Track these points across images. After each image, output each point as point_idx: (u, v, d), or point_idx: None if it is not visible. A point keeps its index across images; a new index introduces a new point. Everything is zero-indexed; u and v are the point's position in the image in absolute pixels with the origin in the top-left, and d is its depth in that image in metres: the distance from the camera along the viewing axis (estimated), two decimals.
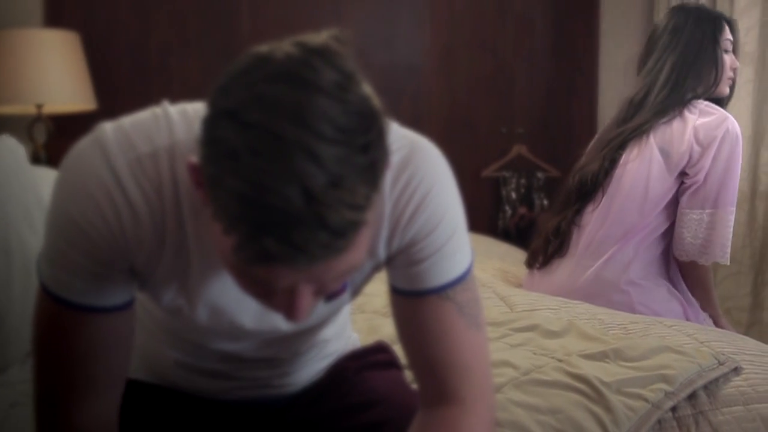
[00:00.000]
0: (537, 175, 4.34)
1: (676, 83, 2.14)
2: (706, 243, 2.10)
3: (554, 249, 2.22)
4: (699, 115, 2.09)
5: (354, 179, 0.77)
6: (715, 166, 2.08)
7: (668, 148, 2.10)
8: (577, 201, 2.20)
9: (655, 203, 2.14)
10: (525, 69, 4.35)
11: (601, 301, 2.11)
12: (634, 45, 4.45)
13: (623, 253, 2.15)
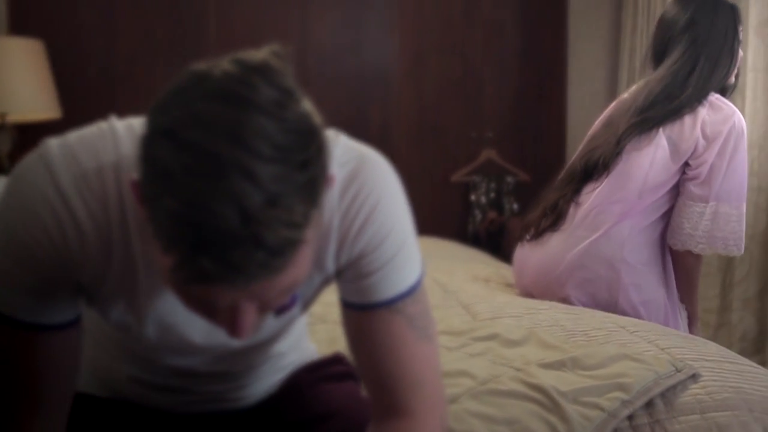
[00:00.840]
0: (506, 179, 4.35)
1: (706, 79, 2.12)
2: (707, 237, 2.10)
3: (549, 223, 2.23)
4: (709, 109, 2.09)
5: (292, 197, 0.77)
6: (719, 161, 2.08)
7: (677, 139, 2.10)
8: (579, 180, 2.21)
9: (655, 189, 2.14)
10: (494, 74, 4.36)
11: (587, 275, 2.14)
12: (602, 49, 4.50)
13: (618, 230, 2.15)
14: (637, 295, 2.17)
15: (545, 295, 2.25)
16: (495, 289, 2.32)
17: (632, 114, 2.14)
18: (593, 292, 2.18)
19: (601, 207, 2.16)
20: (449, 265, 2.56)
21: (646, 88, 2.17)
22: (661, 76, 2.14)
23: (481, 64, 4.34)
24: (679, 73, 2.12)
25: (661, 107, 2.12)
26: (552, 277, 2.22)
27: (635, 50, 4.33)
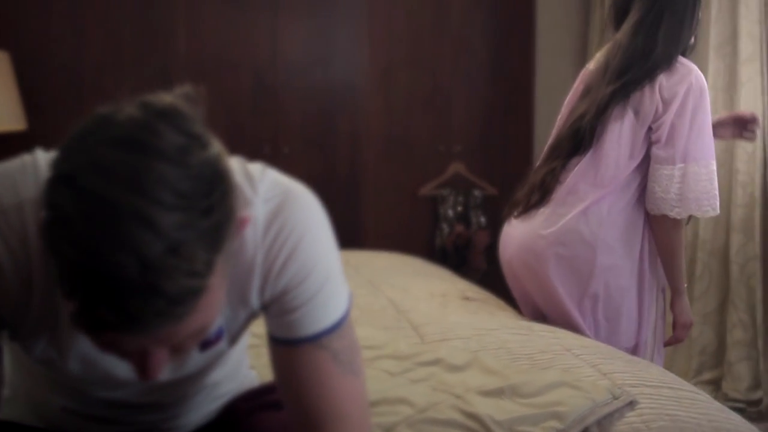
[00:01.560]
0: (474, 193, 4.36)
1: (675, 35, 2.12)
2: (678, 198, 2.09)
3: (536, 199, 2.23)
4: (665, 72, 2.09)
5: (194, 245, 0.77)
6: (679, 121, 2.08)
7: (638, 107, 2.12)
8: (567, 155, 2.20)
9: (628, 162, 2.15)
10: (462, 88, 4.38)
11: (565, 252, 2.16)
12: (569, 65, 4.52)
13: (597, 208, 2.17)
14: (611, 278, 2.18)
15: (526, 273, 2.28)
16: (450, 305, 2.33)
17: (610, 79, 2.13)
18: (570, 271, 2.19)
19: (580, 184, 2.18)
20: (407, 281, 2.57)
21: (617, 50, 2.15)
22: (630, 34, 2.14)
23: (449, 79, 4.36)
24: (649, 29, 2.11)
25: (638, 68, 2.11)
26: (532, 254, 2.23)
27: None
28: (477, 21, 4.39)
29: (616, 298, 2.21)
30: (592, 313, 2.22)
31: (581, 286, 2.18)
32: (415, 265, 2.97)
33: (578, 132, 2.16)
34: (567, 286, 2.20)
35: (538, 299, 2.31)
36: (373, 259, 3.05)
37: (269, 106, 4.10)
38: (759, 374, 3.56)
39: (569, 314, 2.21)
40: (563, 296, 2.20)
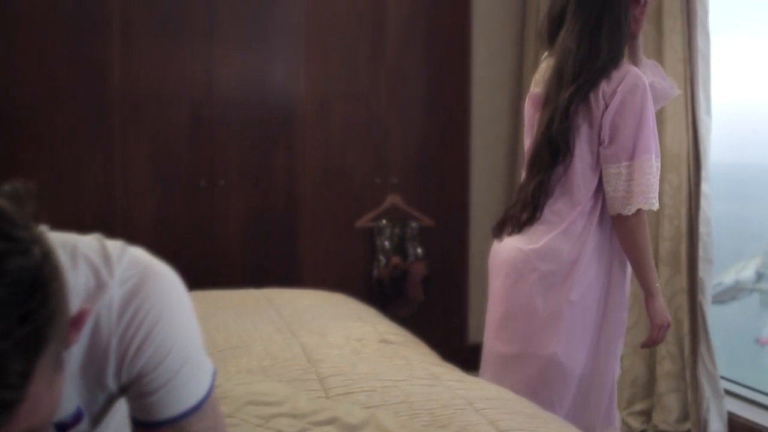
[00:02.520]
0: (411, 224, 4.39)
1: (616, 36, 2.19)
2: (626, 194, 2.15)
3: (528, 216, 2.26)
4: (605, 79, 2.16)
5: (7, 356, 0.76)
6: (622, 120, 2.13)
7: (588, 115, 2.18)
8: (548, 164, 2.22)
9: (592, 168, 2.21)
10: (398, 120, 4.41)
11: (546, 267, 2.21)
12: (506, 96, 4.59)
13: (575, 225, 2.22)
14: (587, 291, 2.24)
15: (512, 294, 2.30)
16: (365, 350, 2.33)
17: (566, 83, 2.18)
18: (550, 283, 2.24)
19: (559, 203, 2.23)
20: (326, 325, 2.57)
21: (567, 56, 2.20)
22: (577, 40, 2.19)
23: (385, 111, 4.38)
24: (592, 34, 2.17)
25: (589, 70, 2.16)
26: (513, 267, 2.28)
27: None
28: (412, 53, 4.43)
29: (591, 309, 2.26)
30: (569, 322, 2.24)
31: (560, 298, 2.22)
32: (339, 305, 2.97)
33: (551, 140, 2.20)
34: (545, 298, 2.24)
35: (516, 312, 2.31)
36: (299, 298, 3.05)
37: (205, 139, 4.09)
38: (687, 406, 3.60)
39: (545, 332, 2.24)
40: (540, 307, 2.24)
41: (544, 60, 2.38)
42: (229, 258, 4.16)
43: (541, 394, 2.21)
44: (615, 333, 2.34)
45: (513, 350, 2.31)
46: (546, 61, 2.35)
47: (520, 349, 2.29)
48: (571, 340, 2.23)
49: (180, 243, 4.05)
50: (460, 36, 4.51)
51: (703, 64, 3.58)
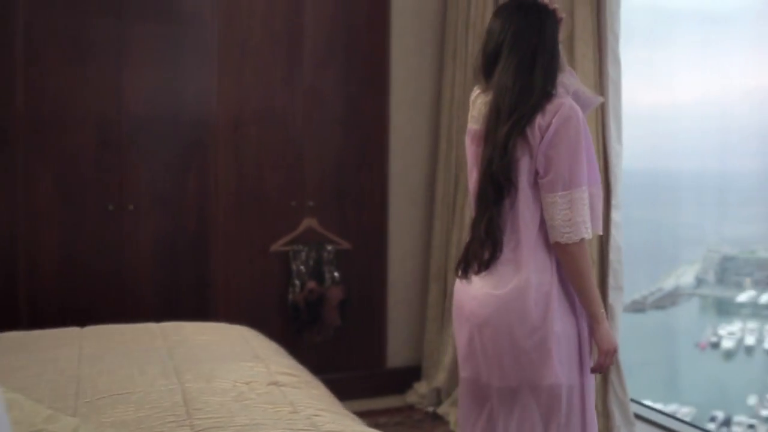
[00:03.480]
0: (327, 248, 4.32)
1: (550, 72, 2.24)
2: (565, 223, 2.17)
3: (489, 255, 2.25)
4: (540, 113, 2.18)
5: None
6: (556, 151, 2.16)
7: (526, 148, 2.19)
8: (495, 200, 2.23)
9: (533, 200, 2.22)
10: (315, 142, 4.34)
11: (526, 304, 2.20)
12: (424, 117, 4.55)
13: (538, 257, 2.23)
14: (564, 320, 2.24)
15: (494, 337, 2.27)
16: (251, 395, 2.25)
17: (504, 119, 2.20)
18: (530, 324, 2.22)
19: (510, 233, 2.24)
20: (215, 367, 2.49)
21: (504, 93, 2.22)
22: (513, 76, 2.21)
23: (301, 132, 4.31)
24: (528, 69, 2.21)
25: (525, 104, 2.18)
26: (495, 319, 2.26)
27: (453, 120, 4.39)
28: (329, 74, 4.37)
29: (572, 335, 2.27)
30: (558, 352, 2.23)
31: (544, 331, 2.21)
32: (237, 342, 2.89)
33: (493, 177, 2.22)
34: (530, 335, 2.22)
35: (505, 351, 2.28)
36: (198, 333, 2.96)
37: (113, 162, 3.98)
38: None
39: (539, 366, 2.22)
40: (527, 344, 2.22)
41: (478, 96, 2.39)
42: (138, 285, 4.05)
43: (550, 424, 2.25)
44: (589, 350, 2.34)
45: (511, 384, 2.28)
46: (480, 97, 2.37)
47: (518, 384, 2.27)
48: (563, 368, 2.24)
49: (87, 270, 3.93)
50: (378, 56, 4.46)
51: (614, 91, 3.58)
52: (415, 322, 4.64)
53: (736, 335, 11.04)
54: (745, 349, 11.08)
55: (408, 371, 4.59)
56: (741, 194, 8.23)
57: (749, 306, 11.22)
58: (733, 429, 10.64)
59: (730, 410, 10.65)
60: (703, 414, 11.14)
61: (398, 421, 4.19)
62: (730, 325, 11.06)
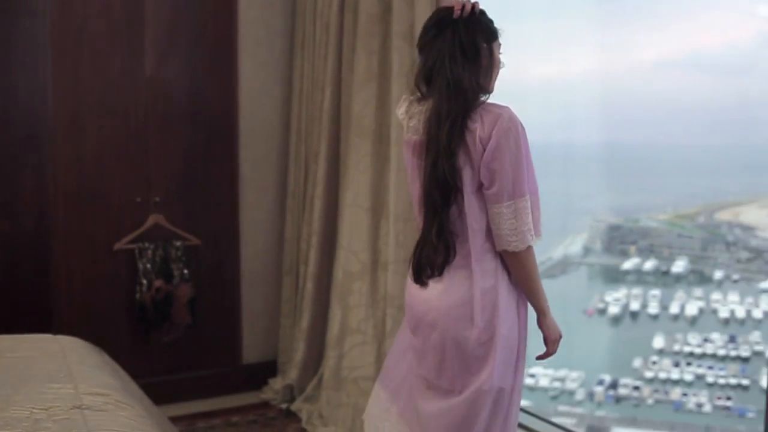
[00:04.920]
0: (175, 244, 4.20)
1: (486, 87, 2.29)
2: (512, 232, 2.23)
3: (443, 259, 2.28)
4: (480, 122, 2.21)
5: None
6: (500, 163, 2.20)
7: (468, 156, 2.22)
8: (442, 204, 2.25)
9: (478, 208, 2.26)
10: (160, 134, 4.19)
11: (475, 308, 2.26)
12: (275, 106, 4.45)
13: (486, 262, 2.29)
14: (510, 322, 2.30)
15: (448, 340, 2.30)
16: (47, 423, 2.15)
17: (442, 125, 2.22)
18: (480, 327, 2.27)
19: (461, 239, 2.27)
20: (17, 390, 2.37)
21: (440, 100, 2.24)
22: (449, 83, 2.23)
23: (145, 125, 4.16)
24: (464, 75, 2.23)
25: (460, 106, 2.22)
26: (448, 321, 2.30)
27: (303, 110, 4.30)
28: (173, 64, 4.22)
29: (514, 336, 2.33)
30: (502, 353, 2.29)
31: (491, 333, 2.27)
32: (51, 358, 2.76)
33: (439, 180, 2.24)
34: (480, 337, 2.27)
35: (456, 354, 2.33)
36: (14, 348, 2.82)
37: None
38: None
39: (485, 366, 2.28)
40: (476, 347, 2.28)
41: (411, 104, 2.39)
42: None
43: (488, 422, 2.32)
44: (524, 352, 2.42)
45: (454, 387, 2.34)
46: (415, 105, 2.38)
47: (461, 386, 2.32)
48: (502, 371, 2.31)
49: None
50: (225, 45, 4.32)
51: None
52: (270, 317, 4.56)
53: (621, 301, 11.37)
54: (630, 315, 11.43)
55: (264, 367, 4.52)
56: (625, 165, 8.43)
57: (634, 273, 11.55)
58: (620, 391, 10.97)
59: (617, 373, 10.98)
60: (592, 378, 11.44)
61: (251, 419, 4.12)
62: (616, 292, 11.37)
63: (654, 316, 11.54)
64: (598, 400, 11.12)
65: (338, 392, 3.95)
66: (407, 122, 2.39)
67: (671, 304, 9.94)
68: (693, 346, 8.19)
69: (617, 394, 11.07)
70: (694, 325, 8.42)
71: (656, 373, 10.91)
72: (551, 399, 11.24)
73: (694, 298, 8.42)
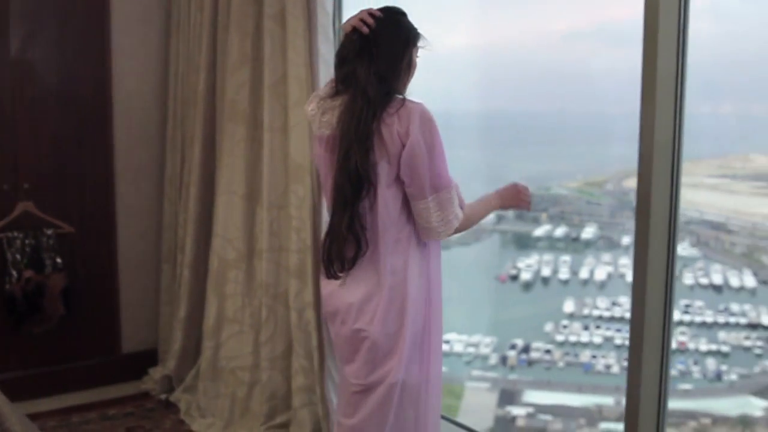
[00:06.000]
0: (47, 232, 4.04)
1: (392, 77, 2.29)
2: (440, 223, 2.29)
3: (354, 252, 2.27)
4: (397, 119, 2.22)
5: None
6: (419, 159, 2.22)
7: (384, 152, 2.23)
8: (353, 198, 2.24)
9: (394, 200, 2.29)
10: (28, 118, 4.01)
11: (383, 301, 2.29)
12: (151, 91, 4.29)
13: (398, 256, 2.31)
14: (417, 314, 2.33)
15: (361, 333, 2.32)
16: None
17: (357, 118, 2.22)
18: (391, 320, 2.30)
19: (373, 233, 2.28)
20: None
21: (354, 95, 2.25)
22: (364, 78, 2.25)
23: (12, 109, 3.97)
24: (378, 70, 2.26)
25: (375, 101, 2.22)
26: (360, 314, 2.32)
27: (179, 92, 4.17)
28: (41, 43, 4.02)
29: (419, 327, 2.36)
30: (410, 346, 2.33)
31: (401, 325, 2.31)
32: None
33: (351, 174, 2.23)
34: (392, 329, 2.31)
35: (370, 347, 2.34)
36: None
37: None
38: (319, 420, 3.55)
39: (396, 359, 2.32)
40: (386, 341, 2.31)
41: (323, 100, 2.39)
42: None
43: (399, 414, 2.36)
44: (437, 346, 2.48)
45: (372, 380, 2.35)
46: (327, 101, 2.37)
47: (379, 379, 2.34)
48: (412, 362, 2.35)
49: None
50: (96, 24, 4.15)
51: (326, 70, 3.46)
52: (150, 305, 4.44)
53: (533, 267, 11.55)
54: (541, 280, 11.61)
55: (145, 356, 4.41)
56: (536, 134, 8.49)
57: (545, 239, 11.74)
58: (532, 355, 11.18)
59: (529, 338, 11.18)
60: (504, 343, 11.64)
61: (129, 411, 4.02)
62: (528, 258, 11.55)
63: (564, 281, 11.75)
64: (511, 365, 11.31)
65: (216, 383, 3.88)
66: (319, 117, 2.38)
67: (581, 269, 10.12)
68: (602, 309, 8.31)
69: (530, 358, 11.28)
70: (603, 290, 8.55)
71: (567, 337, 11.14)
72: (465, 364, 11.39)
73: (603, 264, 8.53)
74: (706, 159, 13.23)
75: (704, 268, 12.05)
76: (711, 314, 11.29)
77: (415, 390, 2.37)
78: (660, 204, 2.43)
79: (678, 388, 11.08)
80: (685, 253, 13.07)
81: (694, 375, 10.89)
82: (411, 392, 2.35)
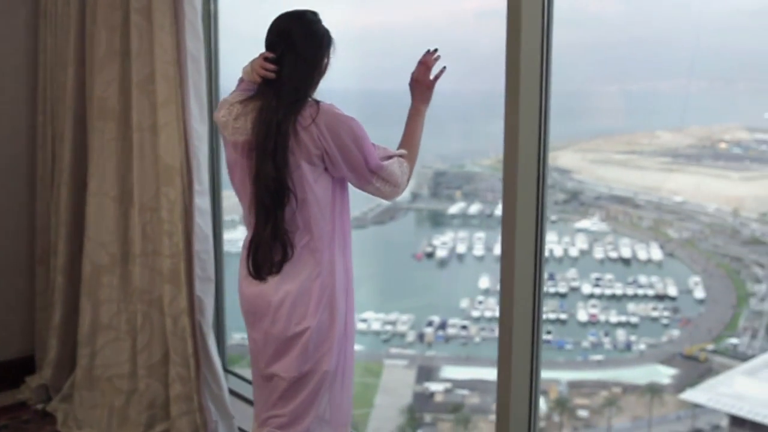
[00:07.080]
0: None
1: (306, 82, 2.33)
2: (392, 193, 2.40)
3: (281, 257, 2.33)
4: (309, 116, 2.24)
5: None
6: (347, 152, 2.27)
7: (303, 154, 2.26)
8: (275, 207, 2.28)
9: (322, 198, 2.33)
10: None
11: (311, 297, 2.34)
12: (20, 85, 4.08)
13: (324, 253, 2.35)
14: (339, 309, 2.38)
15: (288, 328, 2.35)
16: None
17: (272, 129, 2.24)
18: (318, 314, 2.35)
19: (300, 234, 2.32)
20: None
21: (268, 102, 2.28)
22: (277, 82, 2.30)
23: None
24: (292, 75, 2.30)
25: (286, 109, 2.25)
26: (289, 311, 2.35)
27: (48, 87, 3.97)
28: None
29: (341, 322, 2.42)
30: (339, 339, 2.40)
31: (327, 319, 2.37)
32: None
33: (269, 185, 2.26)
34: (318, 324, 2.35)
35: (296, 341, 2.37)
36: None
37: None
38: (198, 429, 3.44)
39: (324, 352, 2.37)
40: (314, 335, 2.35)
41: (230, 105, 2.39)
42: None
43: (320, 403, 2.41)
44: (354, 330, 2.52)
45: (299, 372, 2.38)
46: (234, 106, 2.38)
47: (312, 368, 2.38)
48: (336, 353, 2.41)
49: None
50: None
51: (194, 68, 3.33)
52: (25, 310, 4.24)
53: (448, 245, 11.53)
54: (457, 257, 11.61)
55: (22, 363, 4.22)
56: (449, 113, 8.46)
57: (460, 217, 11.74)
58: (449, 331, 11.20)
59: (446, 314, 11.21)
60: (421, 320, 11.65)
61: (2, 424, 3.85)
62: (443, 236, 11.53)
63: (479, 257, 11.88)
64: (428, 341, 11.42)
65: (92, 392, 3.72)
66: (232, 123, 2.37)
67: (495, 245, 10.20)
68: None
69: (446, 334, 11.39)
70: None
71: (482, 312, 11.29)
72: (383, 342, 11.44)
73: None
74: (616, 135, 13.43)
75: (613, 242, 12.27)
76: (620, 287, 11.53)
77: (334, 374, 2.42)
78: (527, 186, 2.60)
79: (590, 359, 11.29)
80: (594, 228, 13.23)
81: (605, 346, 11.12)
82: (332, 377, 2.41)
